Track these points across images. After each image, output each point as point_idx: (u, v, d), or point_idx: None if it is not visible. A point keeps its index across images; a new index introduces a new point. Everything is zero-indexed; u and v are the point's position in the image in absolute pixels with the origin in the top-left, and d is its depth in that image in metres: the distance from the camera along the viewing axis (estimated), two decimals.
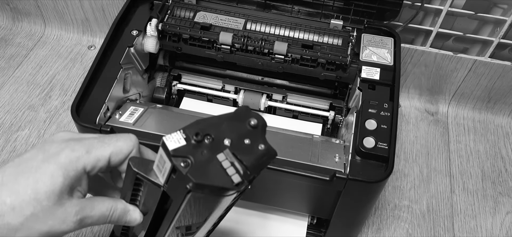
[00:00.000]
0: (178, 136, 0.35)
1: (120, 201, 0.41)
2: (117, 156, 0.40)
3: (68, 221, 0.37)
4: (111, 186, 0.45)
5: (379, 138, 0.56)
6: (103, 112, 0.59)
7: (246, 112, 0.38)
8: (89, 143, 0.39)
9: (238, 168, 0.35)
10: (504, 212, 0.79)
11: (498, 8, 0.75)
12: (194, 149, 0.34)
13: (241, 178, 0.34)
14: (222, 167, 0.34)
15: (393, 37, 0.69)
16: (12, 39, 1.02)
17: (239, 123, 0.37)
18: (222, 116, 0.38)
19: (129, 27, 0.68)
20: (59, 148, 0.38)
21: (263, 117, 0.39)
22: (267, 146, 0.37)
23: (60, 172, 0.36)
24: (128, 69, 0.66)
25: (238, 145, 0.36)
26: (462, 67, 0.86)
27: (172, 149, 0.34)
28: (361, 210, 0.62)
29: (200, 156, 0.34)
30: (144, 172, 0.38)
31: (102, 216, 0.39)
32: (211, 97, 0.78)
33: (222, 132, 0.36)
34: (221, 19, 0.70)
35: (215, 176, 0.34)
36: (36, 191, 0.36)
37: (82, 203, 0.38)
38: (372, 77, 0.64)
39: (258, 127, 0.37)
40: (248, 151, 0.36)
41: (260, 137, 0.37)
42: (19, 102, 0.90)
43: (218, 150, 0.35)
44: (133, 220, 0.42)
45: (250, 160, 0.35)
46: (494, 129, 0.91)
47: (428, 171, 0.84)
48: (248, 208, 0.70)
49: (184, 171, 0.33)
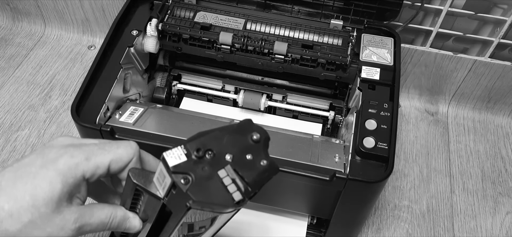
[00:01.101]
0: (179, 151, 0.34)
1: (120, 208, 0.41)
2: (117, 164, 0.39)
3: (67, 229, 0.36)
4: (111, 190, 0.45)
5: (379, 138, 0.56)
6: (103, 112, 0.58)
7: (249, 126, 0.38)
8: (89, 149, 0.38)
9: (239, 185, 0.34)
10: (504, 212, 0.79)
11: (498, 8, 0.75)
12: (194, 165, 0.34)
13: (242, 196, 0.34)
14: (223, 184, 0.34)
15: (393, 37, 0.69)
16: (12, 39, 1.02)
17: (241, 137, 0.37)
18: (224, 128, 0.37)
19: (129, 27, 0.68)
20: (58, 154, 0.37)
21: (266, 131, 0.38)
22: (269, 161, 0.36)
23: (59, 179, 0.36)
24: (128, 69, 0.66)
25: (240, 161, 0.35)
26: (462, 67, 0.86)
27: (172, 166, 0.33)
28: (361, 210, 0.62)
29: (201, 172, 0.34)
30: (143, 184, 0.37)
31: (101, 223, 0.39)
32: (211, 97, 0.78)
33: (224, 146, 0.36)
34: (221, 19, 0.70)
35: (215, 194, 0.33)
36: (35, 198, 0.35)
37: (81, 210, 0.38)
38: (372, 77, 0.64)
39: (261, 142, 0.37)
40: (250, 167, 0.35)
41: (263, 152, 0.37)
42: (19, 102, 0.90)
43: (219, 166, 0.35)
44: (132, 227, 0.42)
45: (251, 177, 0.35)
46: (494, 129, 0.91)
47: (428, 171, 0.84)
48: (248, 208, 0.70)
49: (184, 189, 0.33)
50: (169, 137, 0.57)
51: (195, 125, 0.63)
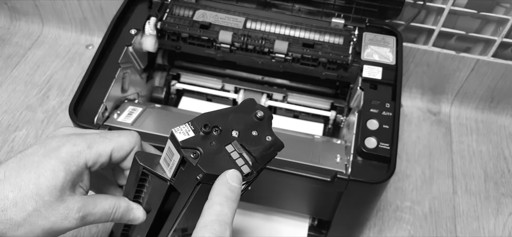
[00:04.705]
0: (186, 128, 0.35)
1: (123, 199, 0.41)
2: (119, 152, 0.40)
3: (70, 218, 0.37)
4: (113, 184, 0.45)
5: (381, 138, 0.56)
6: (101, 112, 0.58)
7: (252, 105, 0.39)
8: (91, 138, 0.39)
9: (247, 159, 0.35)
10: (507, 213, 0.78)
11: (501, 7, 0.74)
12: (202, 140, 0.35)
13: (250, 169, 0.35)
14: (231, 158, 0.35)
15: (395, 36, 0.69)
16: (9, 39, 1.01)
17: (246, 115, 0.38)
18: (228, 108, 0.38)
19: (128, 26, 0.68)
20: (61, 143, 0.38)
21: (268, 109, 0.39)
22: (274, 137, 0.37)
23: (62, 167, 0.36)
24: (127, 69, 0.65)
25: (246, 137, 0.37)
26: (465, 67, 0.85)
27: (181, 140, 0.34)
28: (363, 211, 0.62)
29: (209, 147, 0.35)
30: (150, 166, 0.38)
31: (104, 213, 0.39)
32: (211, 97, 0.77)
33: (230, 123, 0.37)
34: (221, 17, 0.69)
35: (224, 167, 0.34)
36: (38, 186, 0.36)
37: (84, 200, 0.38)
38: (374, 77, 0.63)
39: (264, 119, 0.38)
40: (256, 142, 0.37)
41: (267, 128, 0.38)
42: (16, 102, 0.89)
43: (226, 142, 0.36)
44: (136, 218, 0.42)
45: (258, 151, 0.36)
46: (497, 129, 0.90)
47: (430, 172, 0.83)
48: (248, 209, 0.69)
49: (194, 162, 0.34)
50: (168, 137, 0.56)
51: None
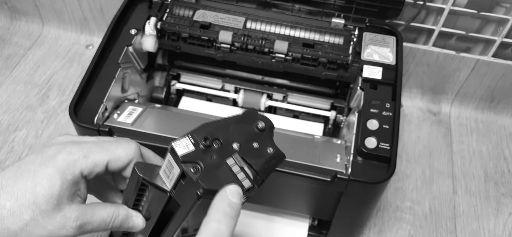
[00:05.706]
0: (186, 141, 0.35)
1: (122, 207, 0.41)
2: (115, 163, 0.39)
3: (68, 227, 0.36)
4: (113, 188, 0.45)
5: (381, 138, 0.56)
6: (101, 112, 0.58)
7: (253, 115, 0.38)
8: (88, 147, 0.38)
9: (248, 172, 0.35)
10: (507, 213, 0.78)
11: (501, 7, 0.74)
12: (203, 154, 0.34)
13: (251, 183, 0.35)
14: (232, 172, 0.35)
15: (395, 36, 0.69)
16: (9, 39, 1.01)
17: (247, 126, 0.37)
18: (228, 118, 0.38)
19: (128, 26, 0.67)
20: (57, 151, 0.38)
21: (270, 120, 0.39)
22: (276, 149, 0.37)
23: (58, 176, 0.36)
24: (127, 69, 0.65)
25: (247, 149, 0.36)
26: (465, 67, 0.85)
27: (181, 155, 0.34)
28: (363, 212, 0.61)
29: (210, 161, 0.34)
30: (149, 177, 0.37)
31: (103, 222, 0.39)
32: (211, 97, 0.77)
33: (231, 135, 0.36)
34: (221, 17, 0.69)
35: (225, 181, 0.34)
36: (35, 195, 0.35)
37: (82, 209, 0.38)
38: (374, 77, 0.63)
39: (266, 130, 0.37)
40: (257, 155, 0.36)
41: (268, 140, 0.37)
42: (16, 102, 0.89)
43: (227, 155, 0.35)
44: (136, 226, 0.41)
45: (259, 164, 0.35)
46: (497, 129, 0.90)
47: (430, 172, 0.83)
48: (248, 210, 0.69)
49: (195, 177, 0.33)
50: (168, 138, 0.56)
51: (194, 125, 0.62)
